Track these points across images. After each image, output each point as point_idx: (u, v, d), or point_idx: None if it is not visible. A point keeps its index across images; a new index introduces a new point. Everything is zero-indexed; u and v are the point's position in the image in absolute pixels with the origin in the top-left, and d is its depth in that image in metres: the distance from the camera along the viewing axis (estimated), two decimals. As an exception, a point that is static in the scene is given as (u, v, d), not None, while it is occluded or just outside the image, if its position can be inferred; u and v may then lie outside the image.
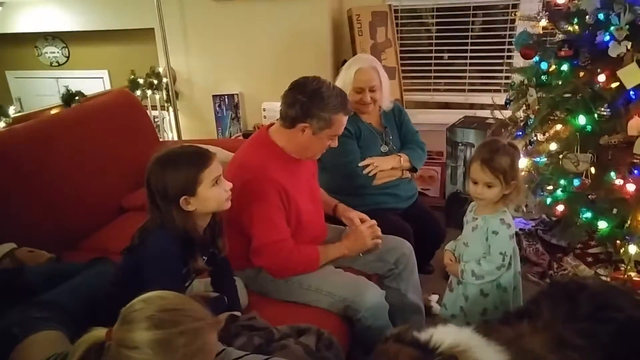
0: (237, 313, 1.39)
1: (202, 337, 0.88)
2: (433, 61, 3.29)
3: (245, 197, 1.50)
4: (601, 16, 1.89)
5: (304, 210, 1.62)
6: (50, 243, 1.80)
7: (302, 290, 1.59)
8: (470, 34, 3.14)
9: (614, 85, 1.91)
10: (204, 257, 1.40)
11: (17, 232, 1.75)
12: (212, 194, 1.30)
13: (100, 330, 0.88)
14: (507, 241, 1.51)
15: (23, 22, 3.66)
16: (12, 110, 2.26)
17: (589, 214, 2.14)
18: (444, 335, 1.03)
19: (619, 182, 1.98)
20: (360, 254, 1.70)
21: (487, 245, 1.52)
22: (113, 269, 1.46)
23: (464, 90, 3.31)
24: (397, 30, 3.19)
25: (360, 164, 2.04)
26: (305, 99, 1.51)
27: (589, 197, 2.12)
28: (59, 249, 1.84)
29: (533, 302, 1.32)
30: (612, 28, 1.82)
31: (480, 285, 1.54)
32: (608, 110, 1.93)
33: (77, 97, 2.50)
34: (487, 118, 2.83)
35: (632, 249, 2.08)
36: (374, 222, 1.70)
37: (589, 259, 2.46)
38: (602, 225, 2.08)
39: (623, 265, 2.28)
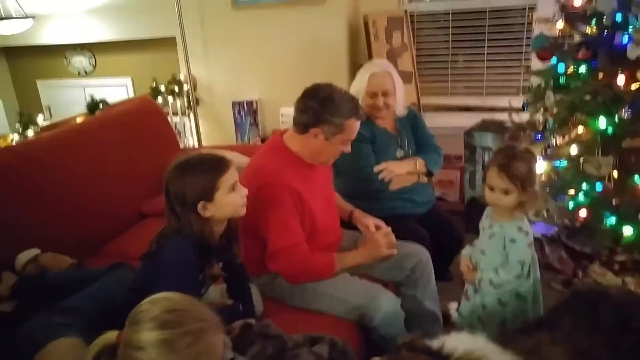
0: (252, 320, 1.40)
1: (206, 338, 0.89)
2: (450, 64, 3.27)
3: (260, 202, 1.51)
4: (619, 17, 1.86)
5: (318, 215, 1.63)
6: (73, 248, 1.85)
7: (317, 296, 1.59)
8: (486, 37, 3.11)
9: (635, 87, 1.87)
10: (220, 264, 1.42)
11: (42, 237, 1.80)
12: (229, 200, 1.34)
13: (112, 333, 0.90)
14: (525, 249, 1.48)
15: (54, 34, 3.81)
16: (40, 119, 2.35)
17: (613, 220, 2.08)
18: (457, 342, 1.02)
19: (643, 186, 1.93)
20: (376, 263, 1.69)
21: (504, 253, 1.49)
22: (132, 274, 1.49)
23: (481, 94, 3.28)
24: (413, 34, 3.19)
25: (375, 169, 2.03)
26: (317, 105, 1.53)
27: (613, 202, 2.07)
28: (81, 255, 1.89)
29: (553, 312, 1.29)
30: (630, 29, 1.79)
31: (498, 294, 1.51)
32: (630, 112, 1.89)
33: (101, 106, 2.57)
34: (505, 121, 2.79)
35: (659, 255, 2.02)
36: (388, 229, 1.69)
37: (616, 267, 2.39)
38: (628, 231, 2.02)
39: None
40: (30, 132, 2.26)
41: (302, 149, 1.62)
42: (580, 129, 2.17)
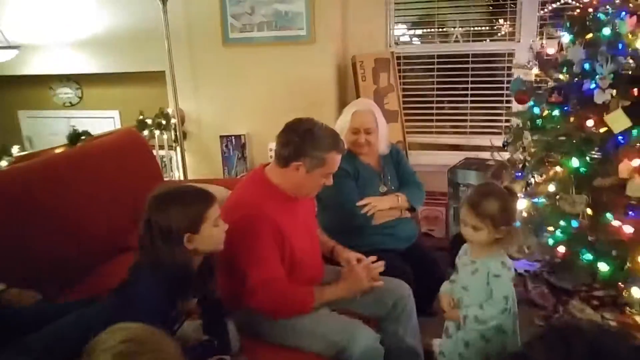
0: (227, 358, 1.37)
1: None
2: (435, 105, 3.38)
3: (239, 233, 1.51)
4: (587, 66, 1.97)
5: (298, 249, 1.62)
6: (49, 280, 1.78)
7: (296, 332, 1.56)
8: (470, 79, 3.24)
9: (603, 130, 1.96)
10: (195, 299, 1.41)
11: (16, 268, 1.74)
12: (214, 233, 1.35)
13: None
14: (509, 284, 1.50)
15: (39, 64, 3.81)
16: (16, 150, 2.29)
17: (589, 256, 2.12)
18: None
19: (616, 223, 1.98)
20: (357, 297, 1.68)
21: (488, 289, 1.50)
22: (102, 310, 1.42)
23: (465, 133, 3.37)
24: (400, 75, 3.30)
25: (358, 204, 2.06)
26: (298, 139, 1.56)
27: (589, 238, 2.12)
28: (59, 287, 1.82)
29: (528, 346, 1.30)
30: (597, 77, 1.89)
31: (481, 330, 1.51)
32: (599, 153, 1.97)
33: (83, 137, 2.55)
34: (487, 160, 2.88)
35: (635, 291, 2.05)
36: (370, 260, 1.69)
37: (595, 302, 2.42)
38: (603, 267, 2.06)
39: (628, 308, 2.24)
40: (3, 163, 2.20)
41: (283, 182, 1.64)
42: (556, 168, 2.25)
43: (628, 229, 1.92)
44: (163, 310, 1.29)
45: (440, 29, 3.34)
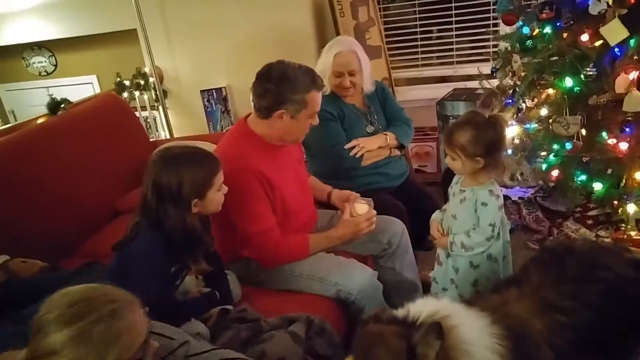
0: (229, 307, 1.39)
1: (121, 318, 0.84)
2: (419, 36, 3.24)
3: (227, 189, 1.49)
4: (580, -26, 1.85)
5: (289, 197, 1.61)
6: (45, 251, 1.79)
7: (294, 277, 1.59)
8: (453, 4, 3.08)
9: (598, 43, 1.88)
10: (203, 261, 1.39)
11: (11, 243, 1.75)
12: (217, 198, 1.34)
13: (11, 353, 0.84)
14: (496, 212, 1.50)
15: (8, 34, 3.65)
16: (-2, 124, 2.27)
17: (583, 177, 2.12)
18: (420, 307, 1.04)
19: (611, 141, 1.96)
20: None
21: (476, 217, 1.51)
22: (103, 272, 1.45)
23: (452, 63, 3.26)
24: (380, 8, 3.14)
25: (346, 146, 2.02)
26: (274, 87, 1.49)
27: (583, 159, 2.10)
28: (55, 257, 1.84)
29: (523, 269, 1.31)
30: (591, -15, 1.79)
31: (469, 257, 1.53)
32: (594, 70, 1.91)
33: (62, 105, 2.49)
34: (476, 89, 2.79)
35: (630, 207, 2.06)
36: (373, 213, 1.65)
37: (589, 222, 2.44)
38: (598, 186, 2.06)
39: (623, 225, 2.26)
40: None
41: (269, 132, 1.59)
42: (548, 91, 2.19)
43: (624, 146, 1.89)
44: (161, 266, 1.29)
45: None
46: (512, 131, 2.42)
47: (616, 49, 1.85)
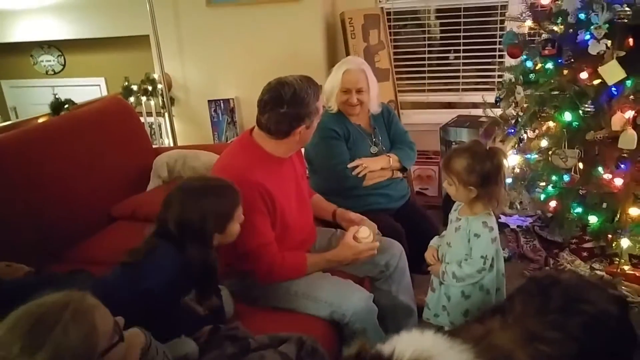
0: (222, 327, 1.35)
1: (81, 320, 0.83)
2: (427, 62, 3.31)
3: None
4: (582, 16, 1.93)
5: (289, 212, 1.61)
6: (36, 254, 1.76)
7: (289, 296, 1.57)
8: (462, 34, 3.16)
9: (597, 82, 1.94)
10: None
11: (1, 241, 1.71)
12: (235, 229, 1.34)
13: None
14: (488, 244, 1.49)
15: (18, 31, 3.68)
16: (-2, 120, 2.26)
17: (580, 209, 2.15)
18: (405, 345, 1.02)
19: (607, 176, 2.00)
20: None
21: (468, 247, 1.51)
22: (91, 282, 1.37)
23: (458, 90, 3.33)
24: (390, 32, 3.21)
25: (349, 165, 2.04)
26: (290, 109, 1.50)
27: (580, 192, 2.14)
28: (46, 260, 1.79)
29: (509, 299, 1.33)
30: (591, 27, 1.85)
31: (461, 286, 1.54)
32: (592, 106, 1.96)
33: (66, 106, 2.49)
34: (480, 117, 2.85)
35: (624, 242, 2.10)
36: (376, 245, 1.64)
37: (585, 254, 2.48)
38: (593, 219, 2.09)
39: (617, 258, 2.29)
40: None
41: (278, 147, 1.58)
42: (549, 123, 2.24)
43: (619, 182, 1.93)
44: (178, 279, 1.24)
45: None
46: (513, 160, 2.47)
47: (613, 89, 1.90)
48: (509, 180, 2.42)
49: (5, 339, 0.79)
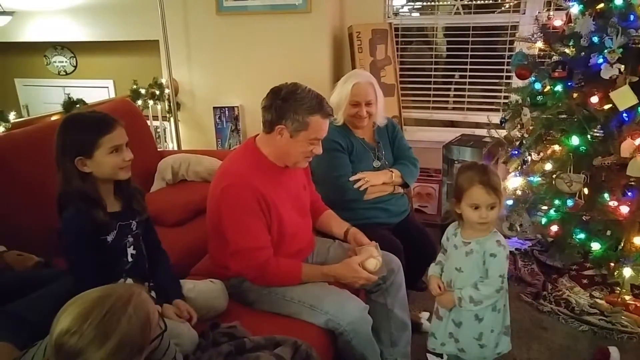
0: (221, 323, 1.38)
1: (139, 311, 0.89)
2: (433, 79, 3.31)
3: (223, 202, 1.51)
4: (595, 39, 1.91)
5: (287, 221, 1.61)
6: (43, 246, 1.76)
7: (285, 302, 1.58)
8: (469, 53, 3.17)
9: (607, 107, 1.92)
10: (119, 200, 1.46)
11: (10, 235, 1.74)
12: (108, 160, 1.37)
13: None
14: (504, 263, 1.47)
15: (33, 32, 3.76)
16: (12, 116, 2.30)
17: (582, 235, 2.12)
18: None
19: (612, 203, 1.97)
20: None
21: (484, 269, 1.48)
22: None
23: (463, 109, 3.32)
24: (397, 48, 3.23)
25: (351, 179, 2.03)
26: (280, 102, 1.52)
27: (583, 218, 2.11)
28: (52, 253, 1.82)
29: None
30: (605, 51, 1.84)
31: (477, 310, 1.50)
32: (601, 131, 1.94)
33: (78, 105, 2.53)
34: (484, 137, 2.84)
35: (626, 271, 2.06)
36: (375, 279, 1.63)
37: (585, 281, 2.43)
38: (596, 246, 2.06)
39: (618, 288, 2.25)
40: (0, 129, 2.21)
41: (271, 150, 1.60)
42: (555, 146, 2.22)
43: (625, 209, 1.90)
44: (87, 241, 1.34)
45: (440, 0, 3.25)
46: (515, 182, 2.44)
47: (624, 114, 1.89)
48: (509, 202, 2.40)
49: (78, 327, 0.84)
